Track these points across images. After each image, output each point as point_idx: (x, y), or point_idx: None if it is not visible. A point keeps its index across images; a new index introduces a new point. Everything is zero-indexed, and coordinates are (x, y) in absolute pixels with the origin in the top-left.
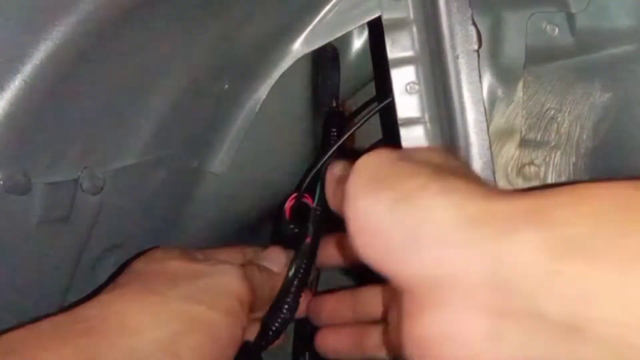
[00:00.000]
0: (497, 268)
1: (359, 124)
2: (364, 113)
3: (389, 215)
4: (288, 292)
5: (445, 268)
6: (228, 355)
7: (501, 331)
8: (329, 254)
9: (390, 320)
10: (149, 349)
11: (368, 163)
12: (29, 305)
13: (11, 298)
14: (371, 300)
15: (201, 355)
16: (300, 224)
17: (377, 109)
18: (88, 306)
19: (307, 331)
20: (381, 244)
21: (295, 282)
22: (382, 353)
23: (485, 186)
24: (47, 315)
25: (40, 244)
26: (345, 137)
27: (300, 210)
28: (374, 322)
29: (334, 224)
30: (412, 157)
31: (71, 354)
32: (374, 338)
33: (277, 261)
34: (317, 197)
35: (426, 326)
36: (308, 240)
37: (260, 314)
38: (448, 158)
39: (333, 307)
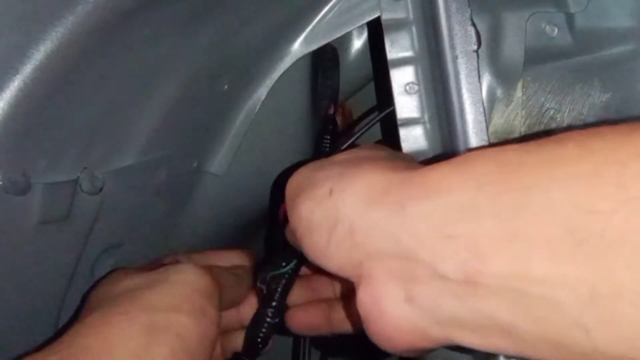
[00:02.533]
0: (399, 242)
1: (356, 136)
2: (362, 124)
3: (312, 221)
4: (272, 299)
5: (360, 252)
6: (206, 351)
7: (414, 294)
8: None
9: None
10: None
11: (295, 177)
12: (29, 305)
13: (10, 298)
14: (326, 283)
15: None
16: None
17: (375, 120)
18: (55, 343)
19: None
20: (314, 244)
21: (279, 289)
22: (348, 326)
23: (387, 164)
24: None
25: (40, 244)
26: (343, 148)
27: None
28: (337, 298)
29: None
30: (325, 164)
31: None
32: (340, 312)
33: (243, 265)
34: None
35: (361, 299)
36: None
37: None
38: (358, 151)
39: (299, 292)
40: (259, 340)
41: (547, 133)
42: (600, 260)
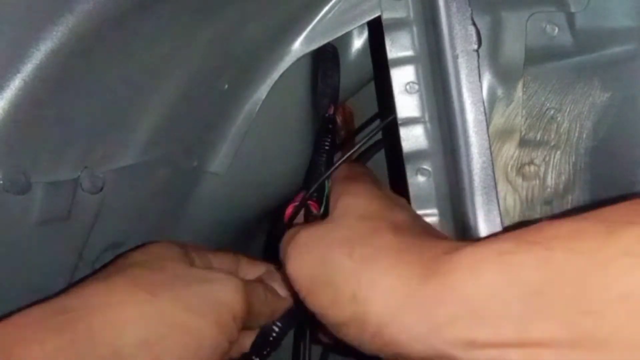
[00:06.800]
0: (431, 346)
1: (358, 146)
2: (364, 133)
3: (338, 321)
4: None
5: (392, 350)
6: None
7: None
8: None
9: None
10: (130, 349)
11: (303, 260)
12: (29, 304)
13: (10, 298)
14: None
15: None
16: None
17: (379, 127)
18: (72, 295)
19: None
20: (344, 337)
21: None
22: None
23: (402, 256)
24: (34, 303)
25: (40, 243)
26: (348, 154)
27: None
28: None
29: None
30: (334, 252)
31: (53, 350)
32: None
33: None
34: (322, 207)
35: None
36: None
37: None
38: (359, 224)
39: None
40: (270, 341)
41: (522, 224)
42: (599, 355)
